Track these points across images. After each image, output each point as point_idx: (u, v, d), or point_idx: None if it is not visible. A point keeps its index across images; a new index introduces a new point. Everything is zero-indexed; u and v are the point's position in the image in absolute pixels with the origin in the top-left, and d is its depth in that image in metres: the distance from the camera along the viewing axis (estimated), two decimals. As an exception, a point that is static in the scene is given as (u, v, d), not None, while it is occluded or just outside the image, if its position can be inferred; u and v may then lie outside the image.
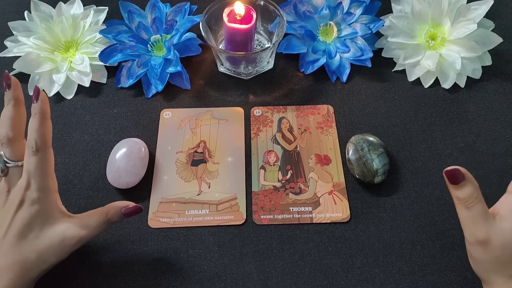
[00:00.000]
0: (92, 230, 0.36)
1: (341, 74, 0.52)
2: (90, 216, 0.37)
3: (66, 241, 0.35)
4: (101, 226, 0.37)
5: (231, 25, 0.47)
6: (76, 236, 0.35)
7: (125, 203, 0.37)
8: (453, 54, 0.50)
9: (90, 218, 0.37)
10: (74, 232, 0.36)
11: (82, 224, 0.36)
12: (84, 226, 0.36)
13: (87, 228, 0.36)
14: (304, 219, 0.43)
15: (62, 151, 0.47)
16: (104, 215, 0.37)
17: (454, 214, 0.40)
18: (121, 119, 0.49)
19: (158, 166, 0.46)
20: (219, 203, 0.44)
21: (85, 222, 0.36)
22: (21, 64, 0.50)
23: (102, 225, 0.37)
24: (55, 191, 0.37)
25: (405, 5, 0.54)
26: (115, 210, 0.37)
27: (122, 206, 0.37)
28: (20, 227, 0.34)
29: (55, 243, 0.35)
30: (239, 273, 0.40)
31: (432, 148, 0.47)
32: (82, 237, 0.36)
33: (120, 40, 0.51)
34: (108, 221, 0.37)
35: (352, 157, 0.45)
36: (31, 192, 0.35)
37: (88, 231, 0.36)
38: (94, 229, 0.36)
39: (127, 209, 0.37)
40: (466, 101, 0.51)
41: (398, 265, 0.40)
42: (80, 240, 0.36)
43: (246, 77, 0.53)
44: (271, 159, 0.47)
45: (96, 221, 0.36)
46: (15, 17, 0.56)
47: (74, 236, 0.35)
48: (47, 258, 0.35)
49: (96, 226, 0.36)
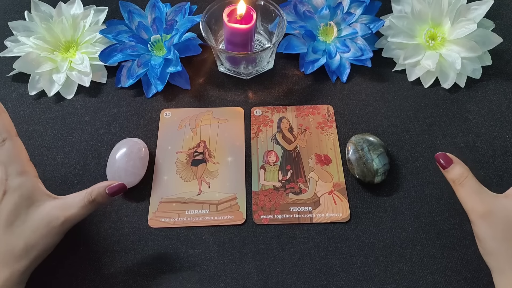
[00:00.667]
0: (77, 210, 0.36)
1: (341, 74, 0.52)
2: (75, 197, 0.37)
3: (52, 222, 0.35)
4: (86, 206, 0.37)
5: (231, 25, 0.47)
6: (61, 216, 0.35)
7: (109, 182, 0.38)
8: (453, 54, 0.50)
9: (75, 199, 0.37)
10: (59, 213, 0.36)
11: (67, 205, 0.36)
12: (69, 206, 0.36)
13: (72, 208, 0.36)
14: (304, 219, 0.43)
15: (62, 151, 0.47)
16: (89, 195, 0.37)
17: (454, 214, 0.40)
18: (121, 119, 0.50)
19: (158, 166, 0.46)
20: (219, 203, 0.44)
21: (70, 203, 0.37)
22: (21, 64, 0.50)
23: (87, 205, 0.37)
24: (34, 176, 0.37)
25: (405, 5, 0.54)
26: (99, 190, 0.37)
27: (105, 186, 0.37)
28: (6, 216, 0.35)
29: (41, 225, 0.35)
30: (239, 273, 0.40)
31: (432, 148, 0.47)
32: (67, 217, 0.36)
33: (120, 40, 0.51)
34: (93, 202, 0.37)
35: (352, 157, 0.45)
36: (11, 180, 0.35)
37: (73, 211, 0.36)
38: (79, 210, 0.36)
39: (111, 188, 0.37)
40: (466, 101, 0.51)
41: (398, 265, 0.40)
42: (66, 221, 0.36)
43: (246, 77, 0.53)
44: (271, 159, 0.47)
45: (81, 202, 0.37)
46: (15, 17, 0.56)
47: (59, 217, 0.35)
48: (35, 243, 0.35)
49: (81, 207, 0.36)
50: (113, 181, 0.38)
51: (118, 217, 0.43)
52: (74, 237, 0.41)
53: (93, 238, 0.42)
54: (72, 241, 0.41)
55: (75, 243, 0.41)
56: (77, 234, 0.42)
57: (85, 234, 0.42)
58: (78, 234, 0.42)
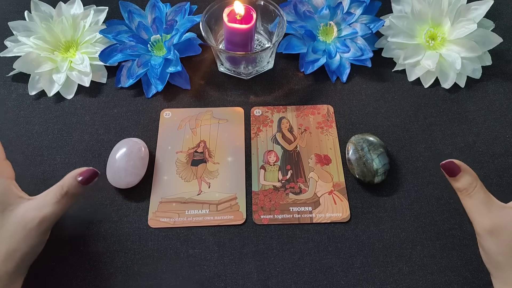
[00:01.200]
0: (52, 208, 0.35)
1: (341, 74, 0.52)
2: (47, 194, 0.36)
3: (28, 224, 0.34)
4: (60, 201, 0.35)
5: (231, 25, 0.47)
6: (37, 217, 0.34)
7: (78, 170, 0.36)
8: (453, 54, 0.50)
9: (47, 196, 0.36)
10: (34, 213, 0.35)
11: (41, 204, 0.35)
12: (43, 205, 0.35)
13: (46, 206, 0.35)
14: (304, 219, 0.43)
15: (62, 151, 0.47)
16: (60, 189, 0.36)
17: (454, 214, 0.40)
18: (121, 119, 0.50)
19: (158, 166, 0.46)
20: (219, 203, 0.44)
21: (43, 201, 0.35)
22: (21, 64, 0.50)
23: (61, 199, 0.35)
24: (8, 177, 0.36)
25: (405, 5, 0.54)
26: (70, 181, 0.36)
27: (75, 175, 0.36)
28: None
29: (18, 229, 0.34)
30: (239, 273, 0.40)
31: (432, 148, 0.47)
32: (43, 217, 0.35)
33: (120, 40, 0.51)
34: (66, 194, 0.36)
35: (352, 157, 0.45)
36: None
37: (48, 209, 0.35)
38: (54, 206, 0.35)
39: (81, 174, 0.36)
40: (466, 101, 0.51)
41: (398, 265, 0.41)
42: (43, 220, 0.35)
43: (246, 77, 0.53)
44: (271, 159, 0.47)
45: (53, 197, 0.35)
46: (15, 17, 0.56)
47: (34, 217, 0.34)
48: (16, 247, 0.34)
49: (55, 202, 0.35)
50: (82, 168, 0.37)
51: (118, 217, 0.43)
52: (74, 237, 0.42)
53: (93, 238, 0.42)
54: (72, 241, 0.41)
55: (75, 243, 0.41)
56: (77, 234, 0.42)
57: (85, 234, 0.42)
58: (78, 234, 0.42)
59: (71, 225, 0.42)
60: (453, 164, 0.35)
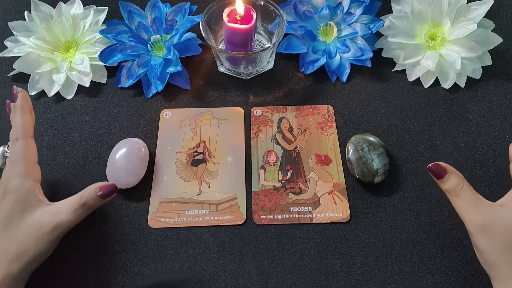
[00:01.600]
0: (68, 215, 0.36)
1: (341, 74, 0.52)
2: (66, 202, 0.37)
3: (43, 228, 0.35)
4: (77, 211, 0.36)
5: (231, 25, 0.47)
6: (51, 222, 0.35)
7: (100, 184, 0.37)
8: (453, 54, 0.50)
9: (66, 204, 0.37)
10: (50, 218, 0.35)
11: (58, 210, 0.36)
12: (60, 211, 0.36)
13: (62, 213, 0.36)
14: (304, 219, 0.43)
15: (62, 151, 0.47)
16: (79, 199, 0.36)
17: (454, 214, 0.40)
18: (121, 119, 0.50)
19: (158, 166, 0.46)
20: (219, 203, 0.44)
21: (61, 208, 0.36)
22: (21, 64, 0.50)
23: (78, 209, 0.36)
24: (35, 179, 0.37)
25: (405, 5, 0.54)
26: (90, 192, 0.37)
27: (96, 188, 0.37)
28: (2, 218, 0.35)
29: (33, 231, 0.35)
30: (239, 273, 0.40)
31: (432, 148, 0.47)
32: (58, 223, 0.35)
33: (120, 40, 0.51)
34: (84, 205, 0.36)
35: (352, 157, 0.45)
36: (12, 180, 0.36)
37: (64, 216, 0.36)
38: (70, 215, 0.36)
39: (102, 189, 0.37)
40: (466, 101, 0.51)
41: (398, 265, 0.40)
42: (57, 226, 0.35)
43: (246, 77, 0.53)
44: (271, 159, 0.47)
45: (71, 206, 0.36)
46: (15, 17, 0.56)
47: (49, 222, 0.35)
48: (26, 248, 0.35)
49: (72, 211, 0.36)
50: (104, 182, 0.38)
51: (118, 217, 0.43)
52: (74, 237, 0.41)
53: (93, 238, 0.42)
54: (72, 241, 0.41)
55: (75, 243, 0.41)
56: (77, 234, 0.42)
57: (85, 234, 0.42)
58: (78, 234, 0.42)
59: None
60: (439, 166, 0.36)
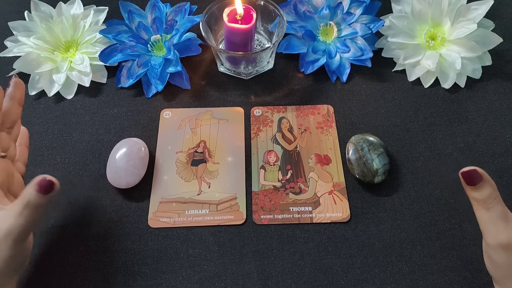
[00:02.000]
0: (15, 220, 0.32)
1: (341, 74, 0.52)
2: (11, 205, 0.33)
3: None
4: (22, 213, 0.32)
5: (231, 25, 0.47)
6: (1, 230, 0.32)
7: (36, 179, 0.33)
8: (453, 54, 0.50)
9: (12, 208, 0.33)
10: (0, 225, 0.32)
11: (5, 216, 0.32)
12: (7, 217, 0.32)
13: (9, 218, 0.32)
14: (304, 219, 0.43)
15: (62, 151, 0.47)
16: (21, 200, 0.33)
17: (454, 214, 0.40)
18: (121, 119, 0.50)
19: (158, 166, 0.46)
20: (219, 203, 0.44)
21: (7, 213, 0.33)
22: (21, 64, 0.50)
23: (23, 211, 0.32)
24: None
25: (405, 5, 0.54)
26: (28, 190, 0.33)
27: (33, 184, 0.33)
28: None
29: None
30: (239, 273, 0.40)
31: (432, 148, 0.47)
32: (7, 229, 0.32)
33: (120, 40, 0.51)
34: (27, 205, 0.32)
35: (352, 157, 0.45)
36: None
37: (12, 221, 0.32)
38: (17, 218, 0.32)
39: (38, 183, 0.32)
40: (466, 101, 0.51)
41: (398, 265, 0.40)
42: (8, 233, 0.32)
43: (246, 77, 0.53)
44: (271, 159, 0.47)
45: (16, 209, 0.32)
46: (15, 17, 0.56)
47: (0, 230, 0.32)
48: None
49: (17, 215, 0.32)
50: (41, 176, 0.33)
51: (118, 217, 0.43)
52: (74, 237, 0.42)
53: (93, 238, 0.42)
54: (72, 241, 0.41)
55: (75, 243, 0.41)
56: (77, 234, 0.42)
57: (85, 234, 0.42)
58: (78, 234, 0.42)
59: (71, 225, 0.42)
60: (475, 172, 0.33)
